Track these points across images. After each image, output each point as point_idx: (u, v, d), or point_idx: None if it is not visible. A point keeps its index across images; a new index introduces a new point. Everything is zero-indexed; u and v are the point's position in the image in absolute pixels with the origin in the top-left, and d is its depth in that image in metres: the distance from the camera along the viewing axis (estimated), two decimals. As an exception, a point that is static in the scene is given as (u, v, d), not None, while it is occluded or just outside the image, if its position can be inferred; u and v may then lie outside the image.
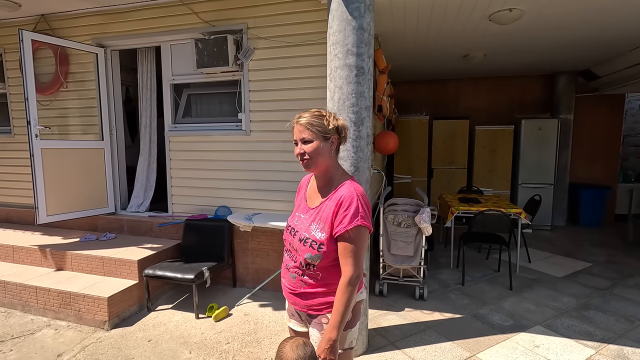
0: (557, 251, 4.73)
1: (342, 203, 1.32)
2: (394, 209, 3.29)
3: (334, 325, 1.30)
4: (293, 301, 1.47)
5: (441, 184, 6.19)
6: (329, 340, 1.29)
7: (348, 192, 1.33)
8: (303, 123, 1.35)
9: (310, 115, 1.36)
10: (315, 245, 1.34)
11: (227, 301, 3.29)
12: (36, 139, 3.40)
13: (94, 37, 3.86)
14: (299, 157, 1.37)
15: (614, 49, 4.41)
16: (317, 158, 1.35)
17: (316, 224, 1.37)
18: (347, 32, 2.19)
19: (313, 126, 1.34)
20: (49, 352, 2.57)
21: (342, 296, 1.30)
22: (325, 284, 1.39)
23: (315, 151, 1.34)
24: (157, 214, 3.96)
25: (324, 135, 1.35)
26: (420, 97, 6.72)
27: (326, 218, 1.34)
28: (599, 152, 6.21)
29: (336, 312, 1.30)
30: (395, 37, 3.91)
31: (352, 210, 1.30)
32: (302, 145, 1.35)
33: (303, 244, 1.38)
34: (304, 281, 1.41)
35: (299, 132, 1.35)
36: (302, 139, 1.35)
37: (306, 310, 1.45)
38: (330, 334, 1.30)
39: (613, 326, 2.86)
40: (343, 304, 1.29)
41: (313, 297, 1.41)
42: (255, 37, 3.35)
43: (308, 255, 1.36)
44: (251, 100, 3.45)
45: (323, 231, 1.34)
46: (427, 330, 2.81)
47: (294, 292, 1.45)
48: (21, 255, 3.56)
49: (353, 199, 1.31)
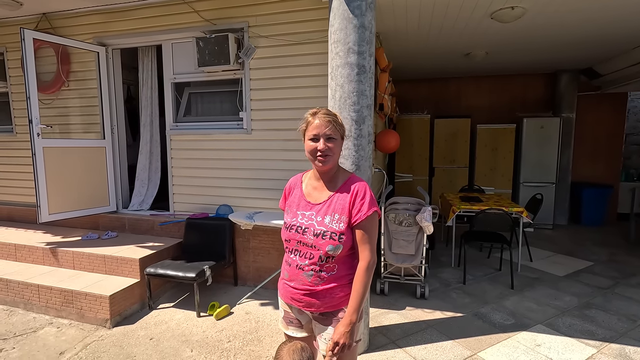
0: (558, 250, 4.72)
1: (357, 193, 1.39)
2: (395, 208, 3.28)
3: (355, 309, 1.34)
4: (307, 303, 1.43)
5: (442, 182, 6.18)
6: (350, 324, 1.33)
7: (360, 184, 1.42)
8: (329, 120, 1.38)
9: (331, 113, 1.41)
10: (336, 236, 1.36)
11: (228, 300, 3.30)
12: (38, 138, 3.41)
13: (95, 36, 3.86)
14: (321, 153, 1.37)
15: (617, 47, 4.38)
16: (335, 156, 1.41)
17: (331, 217, 1.39)
18: (349, 30, 2.18)
19: (338, 124, 1.40)
20: (51, 350, 2.58)
21: (362, 279, 1.35)
22: (339, 277, 1.42)
23: (337, 148, 1.40)
24: (159, 212, 3.96)
25: (341, 134, 1.43)
26: (422, 95, 6.70)
27: (342, 209, 1.39)
28: (601, 151, 6.19)
29: (356, 296, 1.35)
30: (396, 35, 3.90)
31: (368, 198, 1.39)
32: (327, 142, 1.37)
33: (322, 238, 1.37)
34: (321, 277, 1.40)
35: (324, 128, 1.36)
36: (327, 136, 1.37)
37: (322, 310, 1.43)
38: (351, 317, 1.34)
39: (615, 325, 2.85)
40: (363, 287, 1.35)
41: (332, 293, 1.41)
42: (256, 35, 3.34)
43: (330, 248, 1.36)
44: (252, 99, 3.44)
45: (340, 221, 1.38)
46: (428, 329, 2.81)
47: (309, 292, 1.42)
48: (23, 253, 3.58)
49: (366, 189, 1.41)
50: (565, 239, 5.26)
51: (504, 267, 4.07)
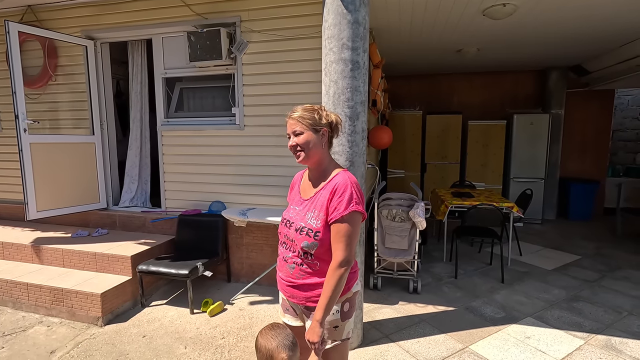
0: (547, 244, 4.82)
1: (336, 190, 1.36)
2: (389, 204, 3.31)
3: (320, 307, 1.33)
4: (290, 294, 1.48)
5: (434, 178, 6.24)
6: (315, 320, 1.33)
7: (342, 180, 1.38)
8: (295, 117, 1.41)
9: (301, 109, 1.42)
10: (312, 233, 1.37)
11: (221, 296, 3.29)
12: (25, 134, 3.33)
13: (83, 29, 3.78)
14: (292, 150, 1.42)
15: (605, 45, 4.46)
16: (309, 150, 1.40)
17: (311, 213, 1.41)
18: (343, 25, 2.18)
19: (304, 119, 1.40)
20: (41, 349, 2.55)
21: (330, 279, 1.33)
22: (320, 274, 1.41)
23: (306, 143, 1.39)
24: (150, 209, 3.92)
25: (314, 127, 1.40)
26: (414, 91, 6.73)
27: (321, 206, 1.38)
28: (589, 147, 6.31)
29: (324, 295, 1.34)
30: (389, 31, 3.90)
31: (347, 196, 1.34)
32: (294, 138, 1.41)
33: (299, 233, 1.40)
34: (304, 270, 1.42)
35: (291, 126, 1.42)
36: (293, 132, 1.41)
37: (304, 303, 1.45)
38: (316, 314, 1.33)
39: (601, 317, 2.93)
40: (331, 287, 1.32)
41: (312, 289, 1.42)
42: (248, 30, 3.31)
43: (305, 244, 1.38)
44: (245, 94, 3.42)
45: (318, 219, 1.38)
46: (421, 323, 2.84)
47: (292, 284, 1.46)
48: (11, 251, 3.51)
49: (347, 186, 1.36)
50: (554, 233, 5.37)
51: (495, 262, 4.13)
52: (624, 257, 4.32)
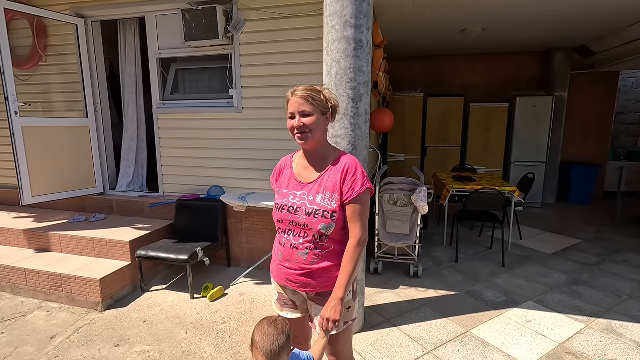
0: (547, 228, 4.81)
1: (347, 170, 1.37)
2: (390, 188, 3.26)
3: (342, 284, 1.34)
4: (303, 283, 1.43)
5: (435, 162, 6.18)
6: (336, 299, 1.33)
7: (351, 161, 1.40)
8: (303, 96, 1.34)
9: (308, 89, 1.35)
10: (328, 214, 1.35)
11: (222, 281, 3.28)
12: (16, 117, 3.23)
13: (72, 7, 3.62)
14: (297, 130, 1.36)
15: (613, 24, 4.32)
16: (315, 132, 1.36)
17: (322, 195, 1.38)
18: (345, 1, 2.07)
19: (314, 100, 1.34)
20: (42, 334, 2.53)
21: (351, 256, 1.36)
22: (334, 256, 1.41)
23: (315, 124, 1.35)
24: (148, 194, 3.86)
25: (322, 109, 1.37)
26: (415, 73, 6.58)
27: (333, 187, 1.37)
28: (591, 130, 6.23)
29: (344, 272, 1.35)
30: (392, 9, 3.76)
31: (359, 175, 1.37)
32: (302, 119, 1.34)
33: (314, 217, 1.36)
34: (317, 255, 1.39)
35: (298, 105, 1.35)
36: (301, 112, 1.34)
37: (319, 290, 1.42)
38: (337, 292, 1.34)
39: (601, 301, 2.93)
40: (352, 264, 1.35)
41: (327, 273, 1.41)
42: (246, 7, 3.17)
43: (322, 226, 1.35)
44: (243, 75, 3.31)
45: (332, 199, 1.36)
46: (422, 307, 2.84)
47: (306, 271, 1.41)
48: (7, 237, 3.46)
49: (357, 166, 1.39)
50: (554, 217, 5.36)
51: (495, 246, 4.13)
52: (624, 241, 4.33)
